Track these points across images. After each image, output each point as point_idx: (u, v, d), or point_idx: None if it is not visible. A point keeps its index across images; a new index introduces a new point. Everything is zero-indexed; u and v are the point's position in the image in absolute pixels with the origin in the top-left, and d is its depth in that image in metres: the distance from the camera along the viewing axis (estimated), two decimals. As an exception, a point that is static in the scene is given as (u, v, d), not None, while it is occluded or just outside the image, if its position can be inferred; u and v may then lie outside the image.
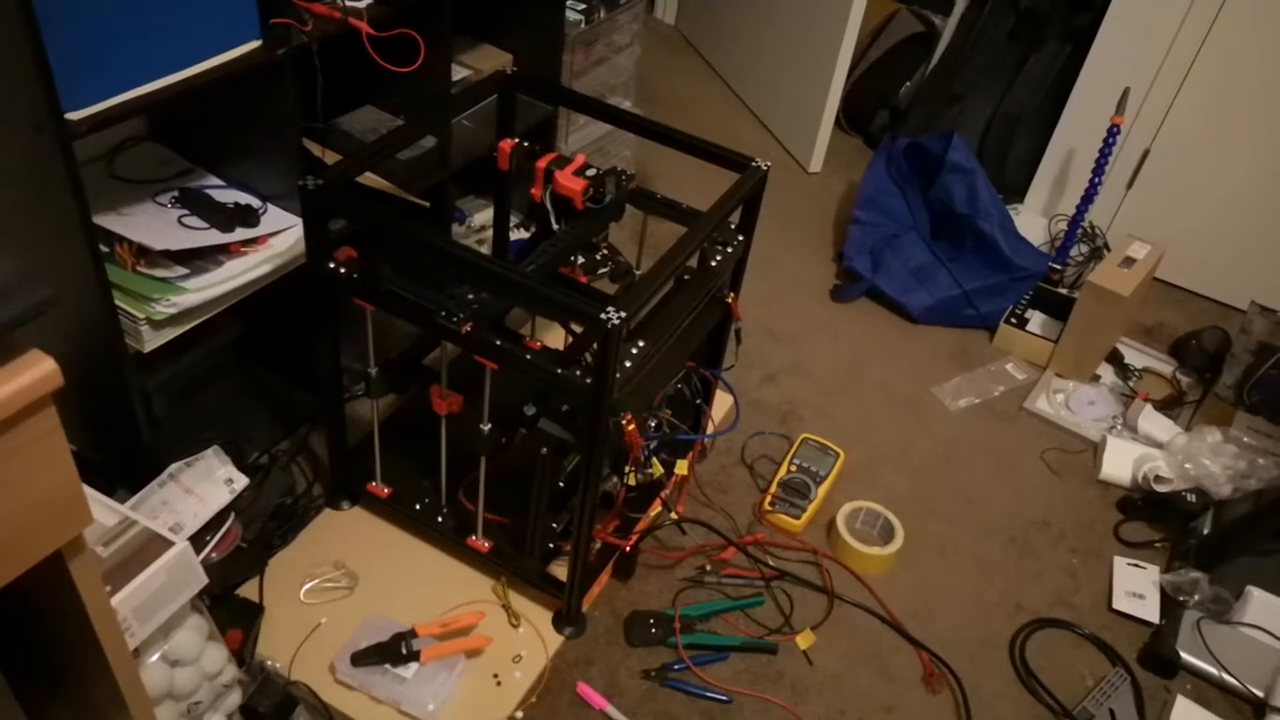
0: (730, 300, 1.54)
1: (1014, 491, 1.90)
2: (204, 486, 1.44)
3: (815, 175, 2.78)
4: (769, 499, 1.74)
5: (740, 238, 1.50)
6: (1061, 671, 1.58)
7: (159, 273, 1.39)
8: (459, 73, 1.93)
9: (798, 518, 1.71)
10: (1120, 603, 1.68)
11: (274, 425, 1.77)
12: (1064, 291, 2.31)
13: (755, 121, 2.97)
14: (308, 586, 1.51)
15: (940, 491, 1.87)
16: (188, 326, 1.39)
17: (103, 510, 1.16)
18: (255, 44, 1.36)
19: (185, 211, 1.48)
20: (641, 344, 1.29)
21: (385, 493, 1.59)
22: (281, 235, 1.52)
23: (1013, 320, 2.22)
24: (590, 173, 1.38)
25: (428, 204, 1.73)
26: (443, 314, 1.27)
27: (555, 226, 1.39)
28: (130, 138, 1.60)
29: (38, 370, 0.69)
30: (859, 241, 2.34)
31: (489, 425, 1.37)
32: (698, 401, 1.63)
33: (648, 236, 1.65)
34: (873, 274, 2.27)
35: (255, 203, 1.53)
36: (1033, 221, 2.58)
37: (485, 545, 1.52)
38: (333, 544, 1.58)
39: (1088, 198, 2.26)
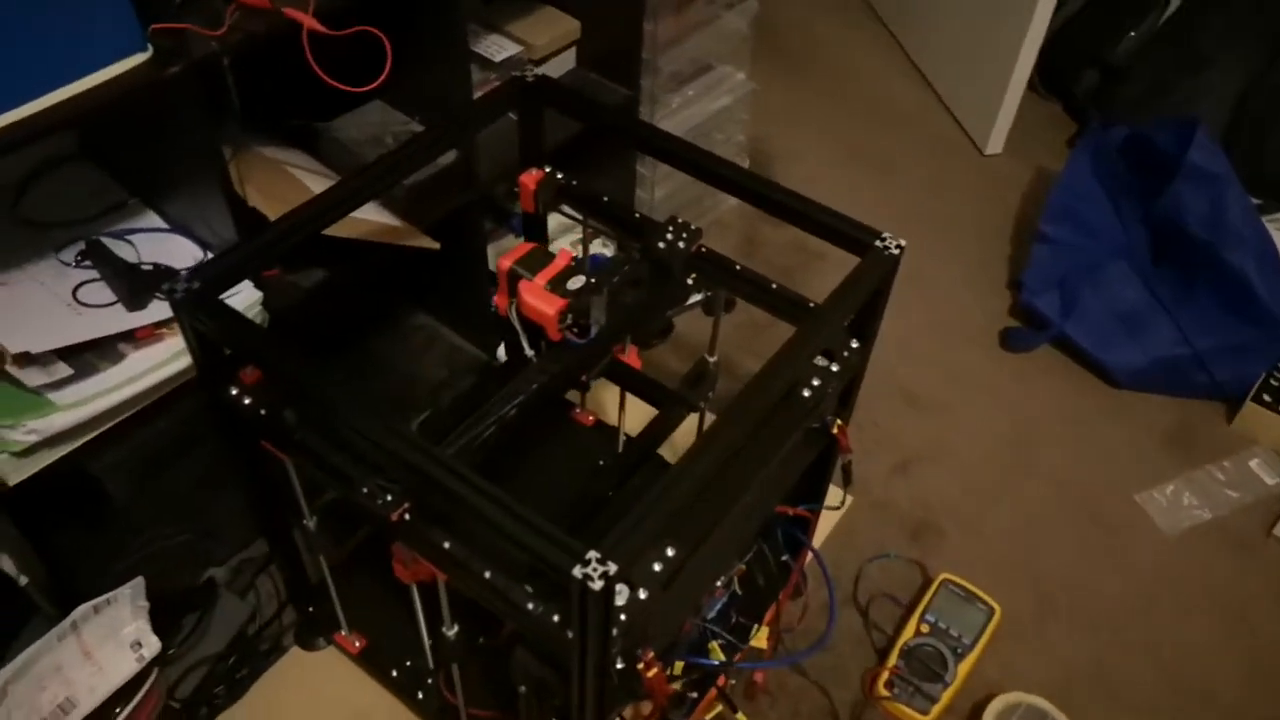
0: (837, 430, 1.04)
1: (1255, 670, 1.32)
2: (106, 650, 1.09)
3: (994, 158, 2.14)
4: (886, 675, 1.25)
5: (855, 345, 0.98)
6: None
7: (32, 377, 1.01)
8: (506, 49, 1.45)
9: (926, 712, 1.22)
10: None
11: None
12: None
13: (920, 81, 2.34)
14: (246, 776, 1.15)
15: (1138, 665, 1.32)
16: (65, 451, 1.02)
17: None
18: (143, 57, 0.94)
19: (87, 276, 1.10)
20: (671, 553, 0.81)
21: (357, 647, 1.20)
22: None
23: (1266, 397, 1.58)
24: (574, 284, 0.89)
25: (437, 245, 1.28)
26: (364, 490, 0.83)
27: (528, 353, 0.92)
28: (57, 156, 1.23)
29: None
30: (1046, 267, 1.73)
31: (454, 629, 0.94)
32: (783, 559, 1.15)
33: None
34: (1062, 318, 1.67)
35: (189, 259, 1.14)
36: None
37: (475, 746, 1.12)
38: (292, 706, 1.21)
39: (1398, 220, 1.57)
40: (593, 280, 0.90)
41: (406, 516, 0.83)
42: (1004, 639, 1.31)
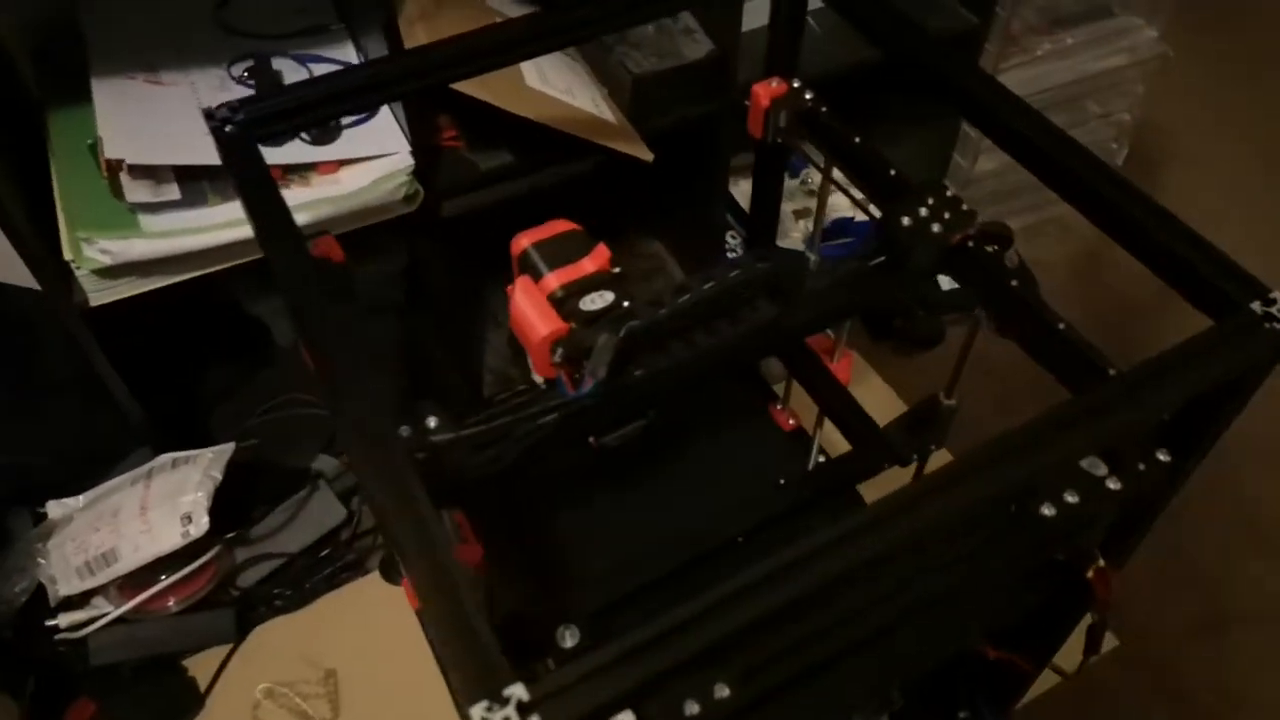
0: (1095, 574, 0.64)
1: None
2: (160, 513, 0.98)
3: None
4: None
5: (1162, 458, 0.59)
6: None
7: (136, 191, 0.88)
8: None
9: None
10: None
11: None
12: None
13: None
14: (267, 701, 1.00)
15: None
16: (143, 289, 0.88)
17: None
18: None
19: (243, 95, 0.95)
20: (725, 694, 0.50)
21: (419, 604, 1.01)
22: (367, 165, 0.93)
23: None
24: (590, 303, 0.56)
25: (649, 157, 1.00)
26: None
27: (536, 379, 0.60)
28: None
29: None
30: None
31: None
32: (962, 716, 0.78)
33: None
34: None
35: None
36: None
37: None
38: (344, 634, 1.05)
39: None
40: (625, 305, 0.56)
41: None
42: None
